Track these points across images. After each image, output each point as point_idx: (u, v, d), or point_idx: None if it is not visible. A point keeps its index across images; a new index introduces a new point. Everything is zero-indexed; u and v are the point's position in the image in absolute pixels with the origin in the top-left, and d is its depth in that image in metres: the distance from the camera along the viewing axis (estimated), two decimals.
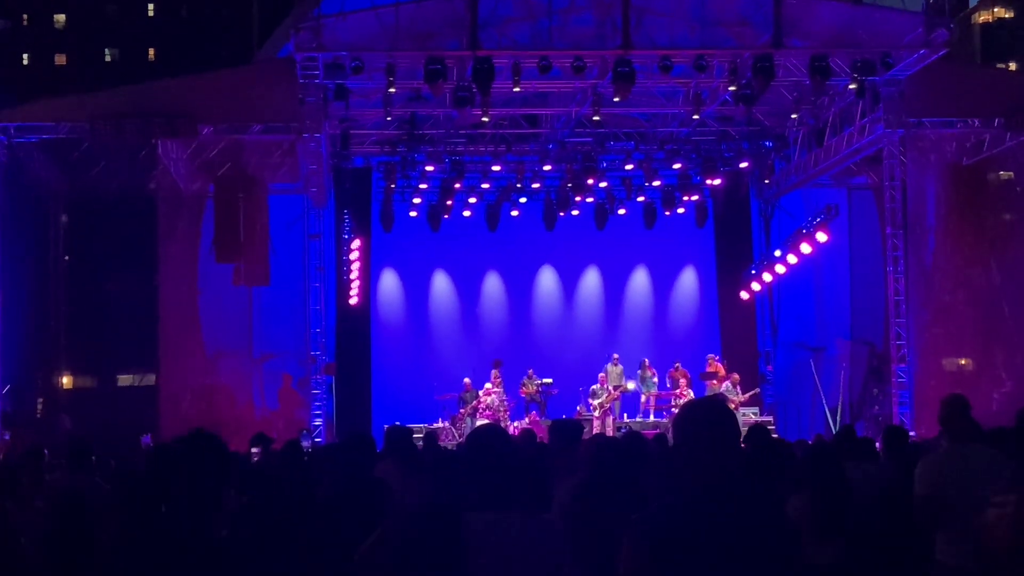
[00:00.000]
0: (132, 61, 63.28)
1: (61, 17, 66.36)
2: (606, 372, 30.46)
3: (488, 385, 29.55)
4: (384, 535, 5.67)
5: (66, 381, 32.27)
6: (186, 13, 65.47)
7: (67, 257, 30.87)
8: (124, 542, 5.41)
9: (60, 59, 65.82)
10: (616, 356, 31.10)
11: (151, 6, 66.88)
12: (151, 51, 65.54)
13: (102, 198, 28.12)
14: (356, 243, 30.55)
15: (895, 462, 10.06)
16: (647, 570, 4.58)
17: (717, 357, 31.47)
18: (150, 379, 28.83)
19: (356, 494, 7.63)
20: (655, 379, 31.09)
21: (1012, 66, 64.42)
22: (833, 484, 8.70)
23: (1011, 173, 28.79)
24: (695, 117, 27.21)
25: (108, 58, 65.92)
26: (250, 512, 7.40)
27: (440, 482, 8.69)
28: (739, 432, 5.03)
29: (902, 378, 26.30)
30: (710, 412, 4.88)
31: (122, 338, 29.49)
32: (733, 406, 27.90)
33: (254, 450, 12.79)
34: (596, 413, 29.20)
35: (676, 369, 30.99)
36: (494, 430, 5.69)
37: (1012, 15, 75.89)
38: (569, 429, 9.33)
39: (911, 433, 21.12)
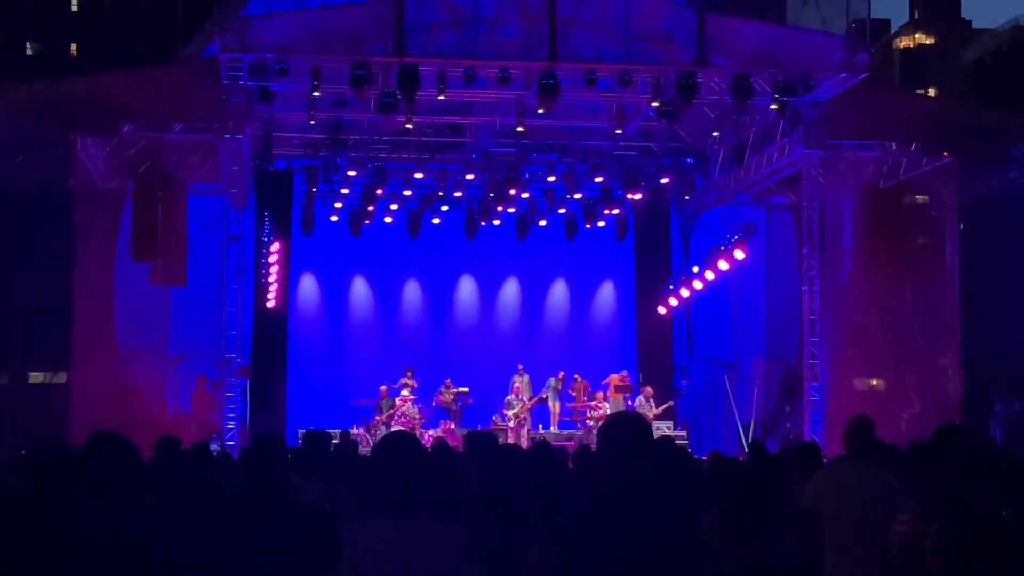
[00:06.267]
0: (54, 56, 62.29)
1: None
2: (514, 383, 30.48)
3: (405, 393, 29.54)
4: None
5: None
6: (110, 8, 64.53)
7: None
8: (35, 541, 5.34)
9: None
10: (521, 367, 31.11)
11: (74, 1, 65.95)
12: (73, 46, 64.59)
13: (17, 192, 27.62)
14: (275, 246, 30.34)
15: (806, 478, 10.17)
16: None
17: (627, 373, 31.68)
18: (61, 377, 28.37)
19: (256, 497, 7.59)
20: (559, 390, 31.37)
21: (931, 92, 65.42)
22: (744, 501, 8.76)
23: (926, 197, 29.15)
24: (618, 131, 27.31)
25: (29, 52, 64.85)
26: (156, 513, 7.34)
27: (346, 488, 8.67)
28: (656, 447, 5.08)
29: (814, 396, 26.46)
30: (633, 427, 4.92)
31: (34, 335, 28.99)
32: None
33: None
34: (511, 423, 29.28)
35: (577, 381, 31.19)
36: (404, 436, 5.70)
37: (932, 41, 77.19)
38: (482, 439, 9.37)
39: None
